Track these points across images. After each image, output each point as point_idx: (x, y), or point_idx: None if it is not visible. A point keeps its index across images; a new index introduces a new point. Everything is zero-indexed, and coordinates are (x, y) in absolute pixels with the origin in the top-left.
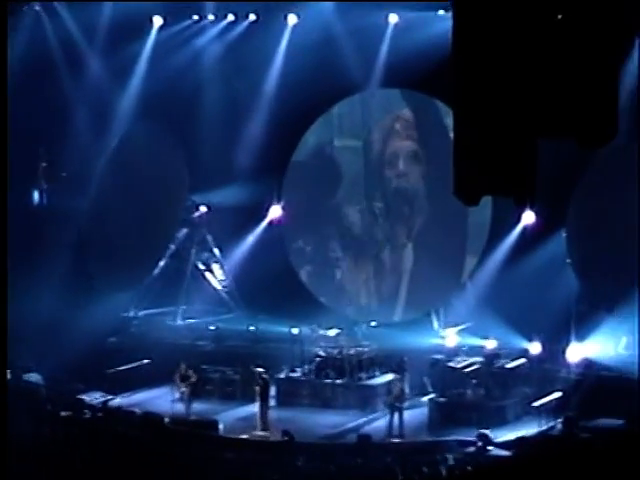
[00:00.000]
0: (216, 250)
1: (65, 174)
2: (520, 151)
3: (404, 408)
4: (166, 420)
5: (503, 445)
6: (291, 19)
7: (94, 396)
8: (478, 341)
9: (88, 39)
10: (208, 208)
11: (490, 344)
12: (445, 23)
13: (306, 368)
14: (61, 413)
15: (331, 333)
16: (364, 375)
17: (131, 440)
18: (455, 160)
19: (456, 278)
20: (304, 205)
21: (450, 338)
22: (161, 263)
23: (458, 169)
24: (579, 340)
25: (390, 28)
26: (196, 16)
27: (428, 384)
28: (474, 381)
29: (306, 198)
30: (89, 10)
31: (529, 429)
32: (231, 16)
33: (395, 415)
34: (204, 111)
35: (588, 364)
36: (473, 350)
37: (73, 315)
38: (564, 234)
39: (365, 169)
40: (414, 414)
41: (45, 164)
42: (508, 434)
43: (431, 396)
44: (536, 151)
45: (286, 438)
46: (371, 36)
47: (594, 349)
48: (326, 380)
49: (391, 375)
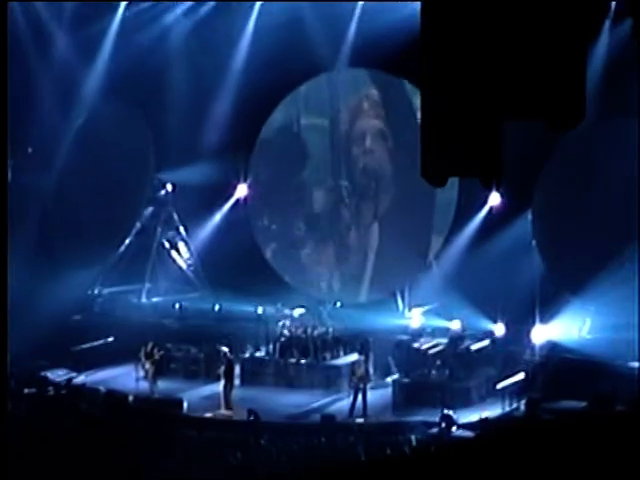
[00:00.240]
0: (182, 228)
1: (31, 150)
2: (487, 133)
3: (368, 389)
4: (130, 398)
5: (467, 426)
6: None
7: (58, 373)
8: (443, 322)
9: (55, 16)
10: (174, 186)
11: (455, 325)
12: (414, 4)
13: (270, 348)
14: (25, 390)
15: (296, 313)
16: (328, 355)
17: (94, 418)
18: (422, 141)
19: (422, 258)
20: (270, 183)
21: (415, 319)
22: (126, 241)
23: (425, 150)
24: (543, 322)
25: (358, 9)
26: None
27: (392, 365)
28: (438, 362)
29: (272, 176)
30: None
31: (493, 410)
32: None
33: (359, 395)
34: (171, 89)
35: (552, 346)
36: (438, 331)
37: (37, 292)
38: (530, 216)
39: (332, 147)
40: (378, 395)
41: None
42: (472, 415)
43: (395, 377)
44: (503, 133)
45: (252, 417)
46: (339, 16)
47: (558, 331)
48: (290, 360)
49: (355, 355)
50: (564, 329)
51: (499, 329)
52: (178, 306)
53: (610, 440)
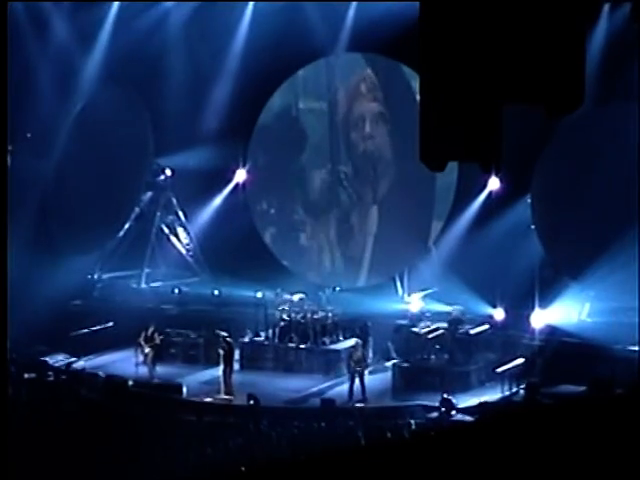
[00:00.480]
0: (181, 213)
1: (29, 135)
2: (486, 117)
3: (366, 373)
4: (130, 383)
5: (466, 410)
6: None
7: (58, 358)
8: (442, 307)
9: (53, 2)
10: (173, 171)
11: (454, 310)
12: None
13: (270, 332)
14: (24, 375)
15: (295, 298)
16: (328, 340)
17: (94, 402)
18: (421, 126)
19: (421, 242)
20: (269, 168)
21: (414, 303)
22: (126, 226)
23: (424, 134)
24: (543, 306)
25: None
26: None
27: (392, 349)
28: (438, 347)
29: (271, 161)
30: None
31: (492, 395)
32: None
33: (356, 379)
34: (169, 74)
35: (551, 330)
36: (437, 315)
37: (37, 277)
38: (529, 200)
39: (330, 131)
40: (378, 379)
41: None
42: (471, 399)
43: (395, 361)
44: (502, 117)
45: (252, 402)
46: (337, 1)
47: (557, 315)
48: (290, 344)
49: (354, 340)
50: (563, 313)
51: (498, 313)
52: (177, 291)
53: (609, 424)
